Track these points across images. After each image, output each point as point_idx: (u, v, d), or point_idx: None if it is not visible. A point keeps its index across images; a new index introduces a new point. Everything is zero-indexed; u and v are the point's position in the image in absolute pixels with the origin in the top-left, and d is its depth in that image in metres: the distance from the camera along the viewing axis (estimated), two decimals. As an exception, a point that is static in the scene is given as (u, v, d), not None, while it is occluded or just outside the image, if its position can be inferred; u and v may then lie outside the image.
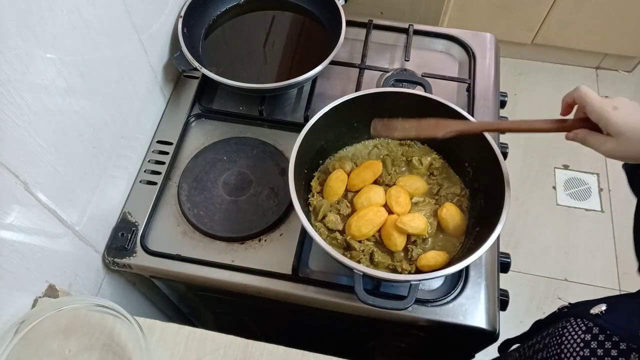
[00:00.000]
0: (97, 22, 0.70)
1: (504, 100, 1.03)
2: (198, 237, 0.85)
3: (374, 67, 1.03)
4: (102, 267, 0.84)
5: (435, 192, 0.83)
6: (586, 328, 0.54)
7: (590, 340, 0.52)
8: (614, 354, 0.49)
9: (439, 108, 0.80)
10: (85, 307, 0.67)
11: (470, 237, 0.78)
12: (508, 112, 1.10)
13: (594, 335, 0.52)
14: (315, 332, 1.00)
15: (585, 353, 0.52)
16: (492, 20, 1.95)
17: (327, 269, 0.82)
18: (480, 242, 0.68)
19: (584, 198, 1.86)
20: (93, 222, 0.79)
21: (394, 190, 0.80)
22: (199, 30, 1.02)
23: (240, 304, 0.94)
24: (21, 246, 0.63)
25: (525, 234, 1.79)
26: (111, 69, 0.77)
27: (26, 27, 0.57)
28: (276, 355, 0.67)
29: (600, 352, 0.51)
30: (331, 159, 0.87)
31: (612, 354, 0.50)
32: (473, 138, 0.77)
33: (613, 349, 0.50)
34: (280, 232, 0.86)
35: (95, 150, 0.76)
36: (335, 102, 0.80)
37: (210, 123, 0.99)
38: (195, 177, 0.90)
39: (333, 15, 1.00)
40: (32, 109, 0.60)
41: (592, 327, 0.53)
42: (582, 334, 0.54)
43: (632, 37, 1.91)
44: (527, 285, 1.68)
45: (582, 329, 0.54)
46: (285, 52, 1.01)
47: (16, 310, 0.66)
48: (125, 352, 0.66)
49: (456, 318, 0.77)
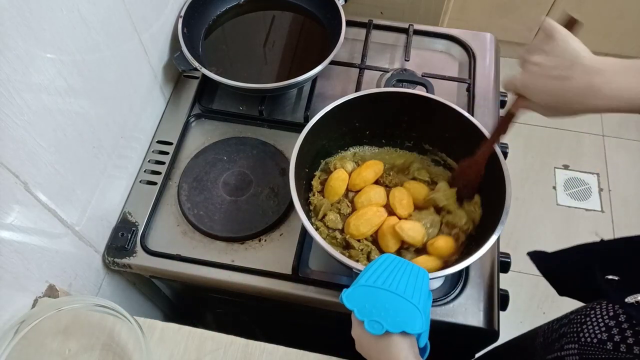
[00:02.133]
0: (97, 22, 0.70)
1: (504, 100, 1.03)
2: (198, 237, 0.85)
3: (374, 67, 1.03)
4: (102, 267, 0.84)
5: (440, 207, 0.80)
6: (613, 314, 0.54)
7: (613, 327, 0.52)
8: (630, 341, 0.50)
9: (440, 108, 0.80)
10: (85, 307, 0.67)
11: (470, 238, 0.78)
12: (508, 112, 1.10)
13: (619, 322, 0.52)
14: (315, 332, 1.00)
15: (603, 336, 0.52)
16: (492, 20, 1.95)
17: (327, 269, 0.82)
18: (480, 243, 0.68)
19: (584, 198, 1.86)
20: (93, 222, 0.79)
21: (398, 192, 0.80)
22: (199, 30, 1.02)
23: (240, 304, 0.94)
24: (21, 246, 0.63)
25: (525, 234, 1.79)
26: (111, 69, 0.77)
27: (26, 27, 0.57)
28: (276, 355, 0.67)
29: (617, 338, 0.51)
30: (333, 158, 0.87)
31: (628, 341, 0.50)
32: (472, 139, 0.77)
33: (631, 337, 0.50)
34: (280, 232, 0.86)
35: (95, 150, 0.76)
36: (336, 102, 0.80)
37: (210, 123, 0.99)
38: (195, 177, 0.90)
39: (333, 15, 1.00)
40: (32, 108, 0.60)
41: (619, 314, 0.53)
42: (608, 320, 0.54)
43: (632, 37, 1.91)
44: (527, 285, 1.67)
45: (610, 315, 0.54)
46: (285, 52, 1.01)
47: (16, 310, 0.66)
48: (125, 352, 0.66)
49: (456, 318, 0.77)
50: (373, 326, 0.53)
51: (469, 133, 0.77)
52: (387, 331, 0.53)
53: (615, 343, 0.51)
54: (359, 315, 0.55)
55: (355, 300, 0.56)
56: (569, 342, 0.57)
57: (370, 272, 0.58)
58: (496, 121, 0.71)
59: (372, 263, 0.59)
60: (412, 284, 0.57)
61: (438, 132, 0.83)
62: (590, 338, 0.54)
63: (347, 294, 0.57)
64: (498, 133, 0.72)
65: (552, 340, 0.63)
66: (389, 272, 0.58)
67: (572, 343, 0.57)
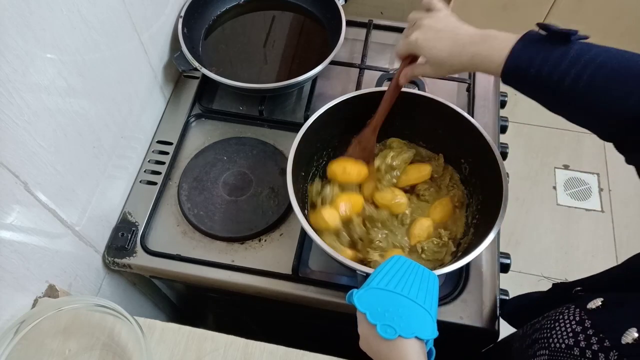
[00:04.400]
0: (97, 22, 0.70)
1: (504, 100, 1.03)
2: (198, 237, 0.85)
3: (374, 67, 1.03)
4: (102, 267, 0.84)
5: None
6: (580, 319, 0.54)
7: (580, 332, 0.52)
8: (595, 348, 0.50)
9: (439, 108, 0.80)
10: (85, 307, 0.67)
11: (468, 235, 0.78)
12: (508, 112, 1.10)
13: (585, 328, 0.53)
14: (315, 332, 1.00)
15: (570, 342, 0.52)
16: (492, 20, 1.95)
17: (327, 269, 0.82)
18: (479, 240, 0.69)
19: (584, 198, 1.86)
20: (93, 222, 0.79)
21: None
22: (199, 30, 1.02)
23: (240, 304, 0.94)
24: (21, 246, 0.63)
25: (525, 234, 1.79)
26: (111, 69, 0.77)
27: (26, 27, 0.57)
28: (276, 355, 0.67)
29: (583, 344, 0.51)
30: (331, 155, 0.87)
31: (593, 348, 0.50)
32: (469, 135, 0.78)
33: (596, 344, 0.50)
34: (280, 232, 0.86)
35: (95, 150, 0.76)
36: (334, 102, 0.80)
37: (210, 123, 0.99)
38: (195, 177, 0.90)
39: (333, 15, 1.00)
40: (32, 109, 0.60)
41: (584, 320, 0.53)
42: (575, 325, 0.54)
43: (632, 37, 1.91)
44: (527, 285, 1.67)
45: (576, 320, 0.54)
46: (285, 52, 1.01)
47: (16, 310, 0.66)
48: (125, 352, 0.66)
49: (456, 318, 0.77)
50: (386, 330, 0.53)
51: (453, 122, 0.80)
52: (399, 336, 0.53)
53: (582, 349, 0.51)
54: (371, 318, 0.54)
55: (367, 303, 0.56)
56: (540, 347, 0.57)
57: (381, 275, 0.58)
58: (387, 93, 0.77)
59: (383, 265, 0.59)
60: (424, 288, 0.57)
61: (427, 126, 0.85)
62: (559, 343, 0.54)
63: (359, 296, 0.57)
64: (387, 103, 0.77)
65: (526, 347, 0.63)
66: (400, 275, 0.57)
67: (544, 349, 0.57)
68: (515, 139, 1.98)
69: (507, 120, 1.02)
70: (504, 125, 1.01)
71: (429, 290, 0.57)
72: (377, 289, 0.56)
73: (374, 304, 0.55)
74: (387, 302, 0.55)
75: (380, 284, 0.57)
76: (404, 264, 0.59)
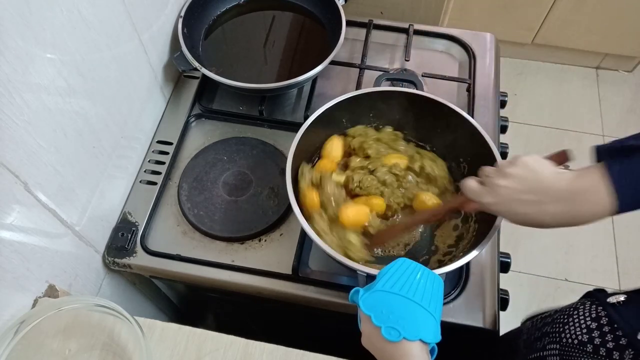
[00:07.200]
0: (97, 22, 0.70)
1: (504, 100, 1.03)
2: (198, 237, 0.85)
3: (374, 67, 1.03)
4: (102, 267, 0.84)
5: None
6: (596, 316, 0.54)
7: (594, 329, 0.52)
8: (610, 346, 0.49)
9: (439, 108, 0.80)
10: (85, 307, 0.67)
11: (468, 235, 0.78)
12: (508, 112, 1.10)
13: (600, 325, 0.52)
14: (315, 332, 1.00)
15: (584, 338, 0.52)
16: (492, 20, 1.94)
17: (327, 269, 0.82)
18: (479, 240, 0.69)
19: (584, 198, 1.86)
20: (93, 222, 0.79)
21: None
22: (199, 30, 1.02)
23: (240, 304, 0.94)
24: (21, 246, 0.63)
25: (526, 234, 1.79)
26: (111, 69, 0.77)
27: (26, 27, 0.57)
28: (276, 355, 0.67)
29: (597, 340, 0.51)
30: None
31: (608, 345, 0.50)
32: (467, 134, 0.78)
33: (611, 342, 0.50)
34: (280, 232, 0.86)
35: (95, 150, 0.76)
36: (334, 101, 0.80)
37: (210, 123, 0.99)
38: (195, 177, 0.90)
39: (333, 15, 1.00)
40: (32, 109, 0.60)
41: (601, 317, 0.53)
42: (590, 321, 0.54)
43: (632, 37, 1.91)
44: (527, 285, 1.67)
45: (592, 316, 0.54)
46: (285, 52, 1.01)
47: (16, 310, 0.66)
48: (125, 352, 0.66)
49: (456, 318, 0.77)
50: (390, 333, 0.53)
51: (453, 122, 0.80)
52: (403, 338, 0.53)
53: (595, 346, 0.51)
54: (376, 321, 0.54)
55: (372, 305, 0.56)
56: (551, 342, 0.57)
57: (386, 277, 0.58)
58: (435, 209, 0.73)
59: (388, 267, 0.59)
60: (430, 291, 0.57)
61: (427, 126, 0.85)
62: (572, 339, 0.54)
63: (364, 298, 0.57)
64: (429, 220, 0.74)
65: (535, 339, 0.63)
66: (405, 278, 0.57)
67: (554, 343, 0.57)
68: (515, 139, 1.97)
69: (507, 120, 1.02)
70: (504, 125, 1.01)
71: (434, 293, 0.57)
72: (382, 292, 0.56)
73: (379, 306, 0.55)
74: (391, 304, 0.55)
75: (385, 286, 0.57)
76: (409, 267, 0.59)
